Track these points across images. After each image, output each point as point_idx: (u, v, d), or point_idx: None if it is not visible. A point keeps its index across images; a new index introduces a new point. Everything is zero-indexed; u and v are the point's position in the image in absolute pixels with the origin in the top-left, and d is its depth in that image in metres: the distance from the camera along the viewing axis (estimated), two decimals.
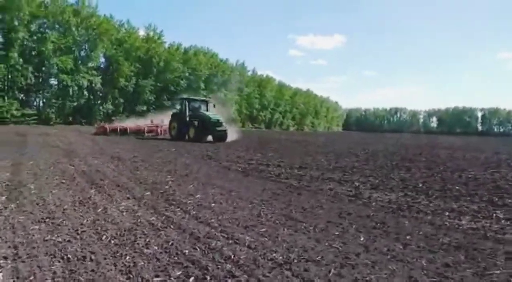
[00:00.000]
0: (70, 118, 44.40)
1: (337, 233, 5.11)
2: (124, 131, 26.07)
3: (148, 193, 7.16)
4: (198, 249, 4.31)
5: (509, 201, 7.55)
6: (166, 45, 56.12)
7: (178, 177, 9.17)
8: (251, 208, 6.27)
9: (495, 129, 75.74)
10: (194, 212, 5.86)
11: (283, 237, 4.83)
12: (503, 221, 6.00)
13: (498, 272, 3.92)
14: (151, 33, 54.21)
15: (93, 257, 3.96)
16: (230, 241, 4.61)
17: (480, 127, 77.23)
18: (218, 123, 23.08)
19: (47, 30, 42.15)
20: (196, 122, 23.06)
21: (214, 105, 25.50)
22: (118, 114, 47.24)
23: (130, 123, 29.79)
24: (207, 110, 24.70)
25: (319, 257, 4.18)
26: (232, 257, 4.09)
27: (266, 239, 4.74)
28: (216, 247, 4.40)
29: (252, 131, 58.59)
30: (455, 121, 77.94)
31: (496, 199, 7.69)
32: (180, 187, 7.85)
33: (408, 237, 5.02)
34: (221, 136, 23.42)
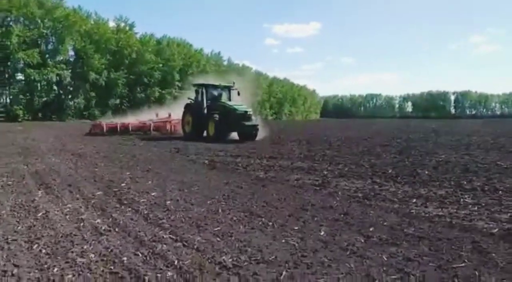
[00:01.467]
0: (40, 115, 42.82)
1: (296, 228, 4.78)
2: (125, 130, 22.00)
3: (100, 192, 6.66)
4: (140, 255, 3.89)
5: (478, 184, 7.41)
6: (138, 36, 54.65)
7: (138, 173, 8.68)
8: (210, 204, 5.87)
9: (468, 112, 77.44)
10: (145, 212, 5.42)
11: (237, 236, 4.46)
12: (470, 206, 5.80)
13: (462, 265, 3.65)
14: (122, 25, 52.62)
15: (15, 271, 3.49)
16: (178, 244, 4.21)
17: (453, 111, 78.82)
18: (246, 116, 17.66)
19: (11, 23, 40.28)
20: (216, 116, 17.65)
21: (238, 93, 19.54)
22: (90, 108, 45.88)
23: (132, 119, 24.89)
24: (229, 99, 19.39)
25: (272, 257, 3.83)
26: (176, 262, 3.69)
27: (218, 239, 4.35)
28: (161, 251, 3.99)
29: None
30: (429, 105, 79.27)
31: (465, 182, 7.54)
32: (137, 184, 7.38)
33: (371, 229, 4.73)
34: (250, 132, 18.04)
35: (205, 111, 18.75)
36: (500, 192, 6.74)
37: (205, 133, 18.76)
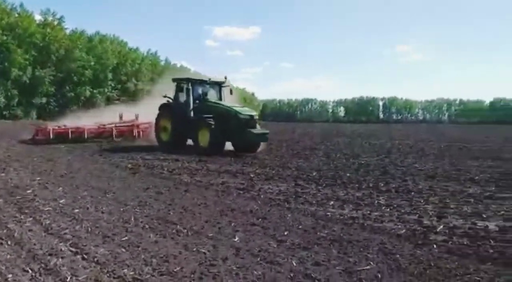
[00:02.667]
0: None
1: (211, 234, 4.61)
2: (79, 136, 16.90)
3: (0, 200, 6.01)
4: (30, 271, 3.49)
5: (393, 185, 7.77)
6: (68, 32, 51.36)
7: (51, 178, 8.01)
8: (122, 212, 5.51)
9: (394, 117, 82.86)
10: (47, 222, 4.94)
11: (145, 246, 4.19)
12: (383, 208, 6.03)
13: (367, 268, 3.71)
14: (50, 19, 49.14)
15: None
16: (77, 257, 3.85)
17: (381, 115, 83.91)
18: (251, 121, 13.39)
19: None
20: (211, 121, 13.27)
21: (231, 91, 15.75)
22: (11, 108, 42.18)
23: (88, 122, 19.15)
24: (220, 98, 15.13)
25: (178, 268, 3.62)
26: (69, 279, 3.35)
27: (123, 250, 4.05)
28: (55, 266, 3.61)
29: None
30: (360, 110, 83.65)
31: (382, 184, 7.87)
32: (45, 190, 6.77)
33: (286, 233, 4.70)
34: (256, 142, 13.72)
35: (192, 114, 14.30)
36: (413, 193, 7.12)
37: (188, 142, 14.46)
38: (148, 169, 9.57)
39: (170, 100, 15.01)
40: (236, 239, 4.46)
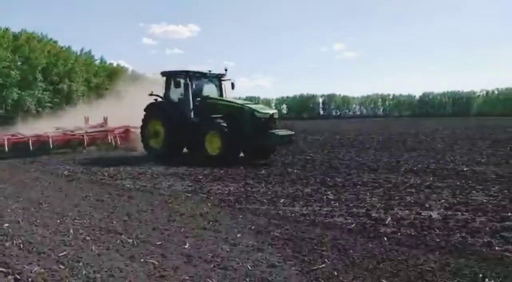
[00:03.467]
0: None
1: (159, 242, 4.34)
2: (42, 145, 13.67)
3: None
4: None
5: (339, 180, 7.92)
6: None
7: None
8: (59, 224, 5.04)
9: (333, 113, 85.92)
10: None
11: (87, 260, 3.82)
12: (332, 203, 6.09)
13: (323, 266, 3.67)
14: None
15: None
16: (9, 278, 3.42)
17: (322, 112, 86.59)
18: (270, 120, 11.17)
19: None
20: (222, 122, 10.88)
21: (233, 86, 13.03)
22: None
23: (49, 129, 15.91)
24: (221, 94, 12.87)
25: None
26: None
27: (62, 267, 3.66)
28: None
29: None
30: (302, 107, 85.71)
31: (328, 179, 7.99)
32: None
33: (238, 235, 4.56)
34: (278, 145, 11.90)
35: (192, 115, 11.81)
36: (358, 186, 7.29)
37: (185, 150, 12.43)
38: (86, 175, 8.96)
39: (159, 99, 12.29)
40: (187, 245, 4.24)
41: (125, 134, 15.44)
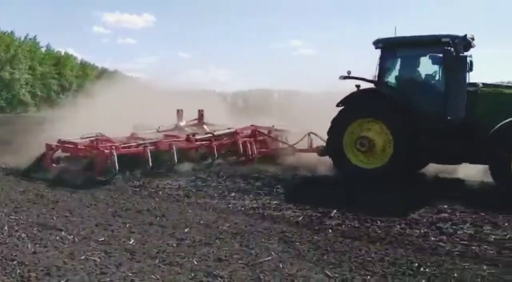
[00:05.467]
0: None
1: (102, 239, 4.18)
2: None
3: None
4: None
5: (290, 173, 7.99)
6: None
7: None
8: None
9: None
10: None
11: (22, 259, 3.61)
12: (281, 196, 6.17)
13: (269, 258, 3.70)
14: None
15: None
16: None
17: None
18: None
19: None
20: None
21: (471, 66, 7.10)
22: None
23: (149, 132, 9.27)
24: (462, 79, 6.85)
25: (62, 281, 3.18)
26: None
27: None
28: None
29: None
30: (257, 102, 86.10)
31: (279, 173, 8.05)
32: None
33: (186, 230, 4.49)
34: None
35: (461, 112, 6.65)
36: (307, 179, 7.42)
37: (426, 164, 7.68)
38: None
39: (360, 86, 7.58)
40: (131, 241, 4.12)
41: (254, 139, 9.48)
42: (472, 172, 7.08)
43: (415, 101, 7.01)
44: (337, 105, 7.40)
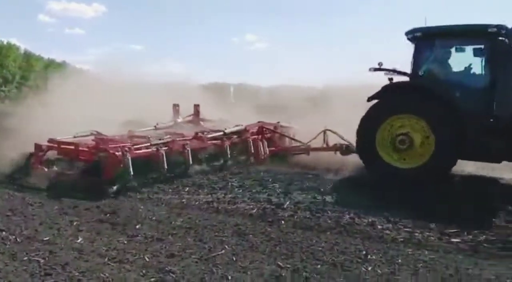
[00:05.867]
0: None
1: (47, 238, 3.99)
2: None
3: None
4: None
5: (244, 167, 8.00)
6: None
7: None
8: None
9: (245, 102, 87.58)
10: None
11: None
12: (236, 189, 6.18)
13: (222, 252, 3.71)
14: None
15: None
16: None
17: (232, 100, 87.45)
18: None
19: None
20: None
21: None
22: None
23: (144, 129, 8.32)
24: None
25: None
26: None
27: None
28: None
29: None
30: (213, 95, 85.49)
31: (235, 167, 8.03)
32: None
33: (137, 227, 4.39)
34: None
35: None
36: (262, 173, 7.47)
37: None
38: None
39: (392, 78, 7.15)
40: (79, 240, 3.97)
41: (261, 136, 8.67)
42: None
43: (457, 96, 6.48)
44: (369, 99, 6.81)
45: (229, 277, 3.19)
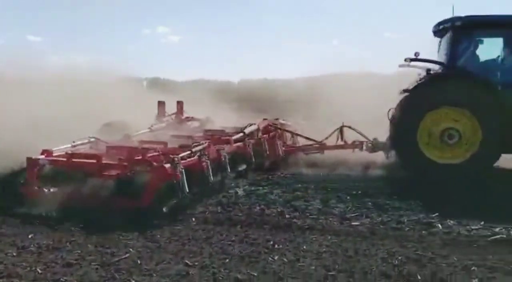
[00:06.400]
0: None
1: None
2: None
3: None
4: None
5: None
6: None
7: None
8: None
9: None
10: None
11: None
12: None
13: (126, 256, 3.48)
14: None
15: None
16: None
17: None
18: None
19: None
20: None
21: None
22: None
23: (141, 132, 6.88)
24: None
25: None
26: None
27: None
28: None
29: None
30: (129, 90, 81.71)
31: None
32: None
33: (30, 236, 3.96)
34: None
35: None
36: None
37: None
38: None
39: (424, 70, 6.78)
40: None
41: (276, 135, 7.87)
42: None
43: (502, 89, 6.23)
44: (405, 91, 6.41)
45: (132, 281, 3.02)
